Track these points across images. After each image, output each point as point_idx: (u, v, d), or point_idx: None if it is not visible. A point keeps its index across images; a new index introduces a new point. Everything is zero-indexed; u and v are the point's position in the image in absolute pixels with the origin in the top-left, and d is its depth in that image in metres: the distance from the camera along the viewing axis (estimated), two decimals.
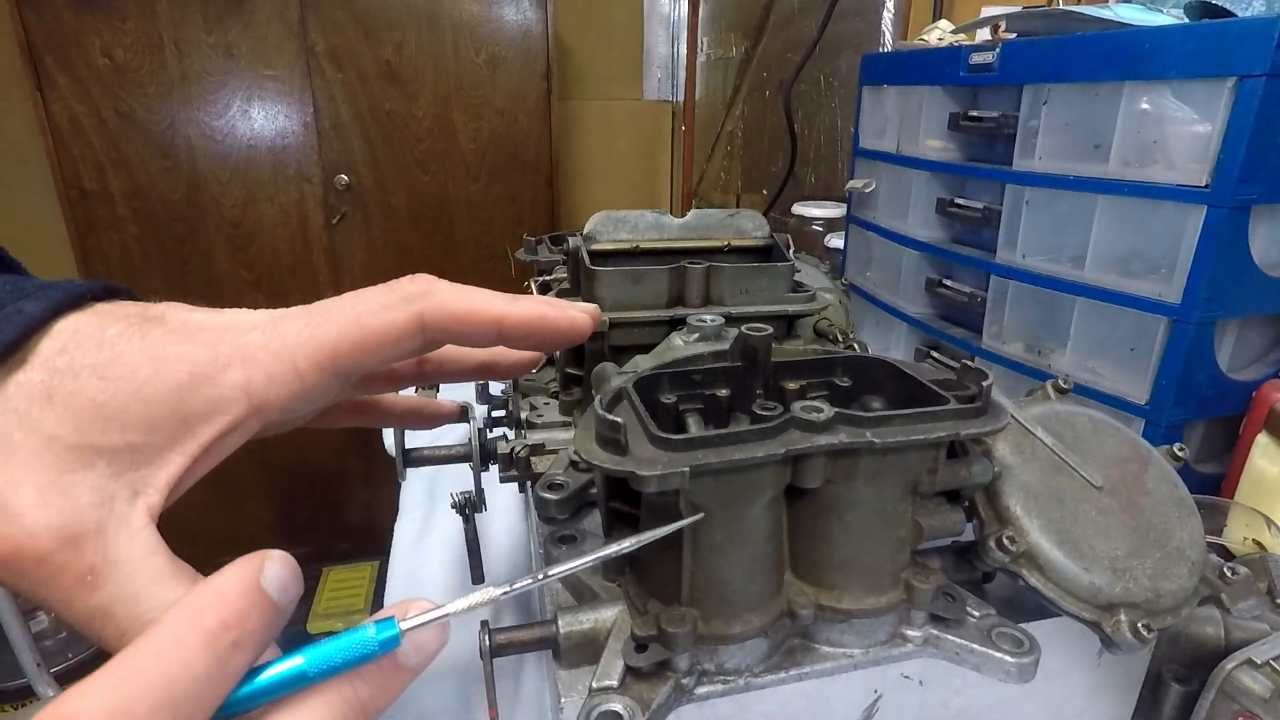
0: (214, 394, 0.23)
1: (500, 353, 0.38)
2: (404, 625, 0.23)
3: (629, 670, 0.32)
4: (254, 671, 0.21)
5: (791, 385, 0.38)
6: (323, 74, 1.86)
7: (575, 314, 0.31)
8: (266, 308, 0.27)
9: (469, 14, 1.91)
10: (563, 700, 0.33)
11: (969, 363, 0.35)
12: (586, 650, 0.34)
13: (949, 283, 0.83)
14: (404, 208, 2.01)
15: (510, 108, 1.99)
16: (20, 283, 0.24)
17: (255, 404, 0.24)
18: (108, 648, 0.22)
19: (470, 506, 0.54)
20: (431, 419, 0.43)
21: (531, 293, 0.83)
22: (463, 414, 0.54)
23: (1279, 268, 0.58)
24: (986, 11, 0.82)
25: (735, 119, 2.04)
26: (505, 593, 0.24)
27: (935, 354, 0.84)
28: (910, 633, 0.35)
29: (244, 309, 0.26)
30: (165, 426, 0.23)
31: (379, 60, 1.88)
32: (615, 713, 0.30)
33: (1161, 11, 0.66)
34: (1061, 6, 0.91)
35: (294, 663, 0.21)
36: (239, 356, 0.24)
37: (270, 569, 0.21)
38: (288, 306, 0.27)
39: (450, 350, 0.36)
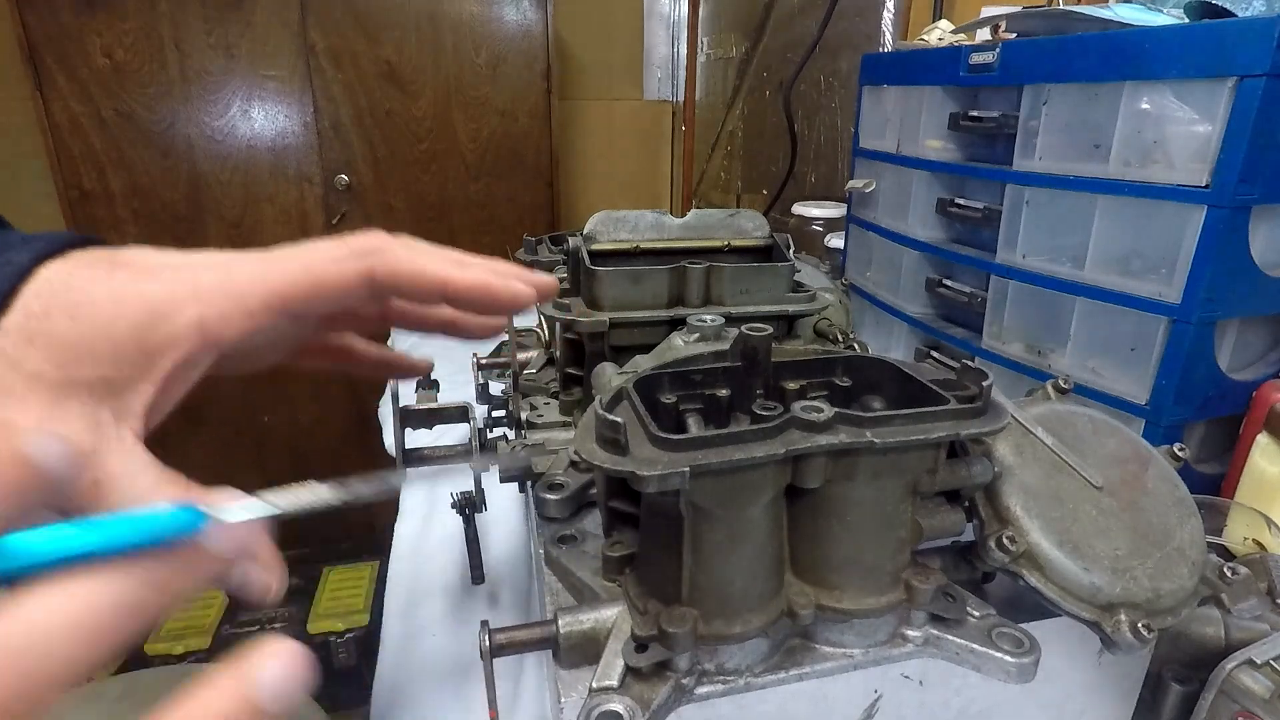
0: (170, 330, 0.26)
1: (464, 315, 0.39)
2: (208, 510, 0.21)
3: (629, 670, 0.32)
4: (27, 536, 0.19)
5: (791, 385, 0.38)
6: (323, 74, 1.86)
7: (518, 286, 0.32)
8: None
9: (469, 14, 1.91)
10: (563, 700, 0.33)
11: (969, 363, 0.35)
12: (586, 650, 0.34)
13: (949, 283, 0.83)
14: (404, 208, 2.01)
15: (510, 108, 1.99)
16: (6, 237, 0.26)
17: (209, 339, 0.27)
18: None
19: (470, 506, 0.54)
20: (401, 370, 0.43)
21: None
22: (463, 414, 0.54)
23: (1279, 268, 0.58)
24: (986, 11, 0.82)
25: (735, 119, 2.04)
26: (343, 500, 0.25)
27: (935, 354, 0.84)
28: (910, 633, 0.35)
29: (207, 250, 0.29)
30: (131, 360, 0.26)
31: (379, 60, 1.88)
32: (615, 713, 0.30)
33: (1161, 11, 0.66)
34: (1061, 6, 0.91)
35: (76, 532, 0.19)
36: (193, 296, 0.27)
37: (269, 673, 0.19)
38: None
39: (412, 305, 0.38)
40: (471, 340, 0.40)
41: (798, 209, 1.34)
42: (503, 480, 0.52)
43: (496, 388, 0.68)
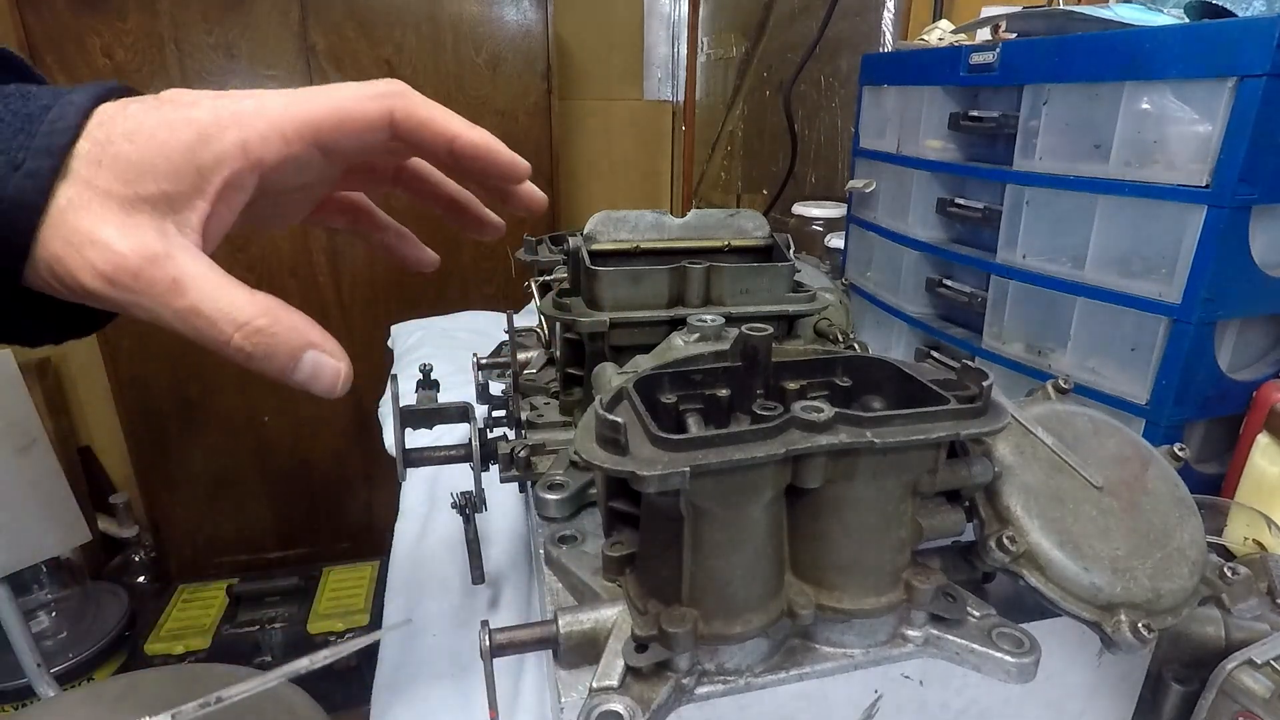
0: (218, 149, 0.29)
1: (469, 200, 0.43)
2: None
3: (629, 670, 0.32)
4: None
5: (792, 385, 0.38)
6: (323, 74, 1.86)
7: (519, 159, 0.37)
8: None
9: (469, 14, 1.91)
10: (563, 700, 0.33)
11: (969, 363, 0.35)
12: (586, 650, 0.34)
13: (949, 283, 0.83)
14: (404, 207, 1.99)
15: (510, 108, 1.99)
16: (55, 89, 0.29)
17: (251, 159, 0.30)
18: (201, 338, 0.28)
19: (470, 506, 0.54)
20: (410, 248, 0.46)
21: (532, 293, 0.83)
22: (463, 414, 0.54)
23: (1279, 268, 0.58)
24: (986, 11, 0.82)
25: (735, 119, 2.04)
26: None
27: (935, 354, 0.84)
28: (910, 633, 0.35)
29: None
30: (186, 177, 0.29)
31: (379, 60, 1.88)
32: (615, 713, 0.30)
33: (1161, 11, 0.66)
34: (1061, 6, 0.91)
35: None
36: (235, 121, 0.30)
37: None
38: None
39: (424, 169, 0.42)
40: (468, 233, 0.44)
41: (798, 209, 1.34)
42: (503, 480, 0.52)
43: (496, 388, 0.68)
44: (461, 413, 0.54)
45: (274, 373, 0.30)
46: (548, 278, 0.81)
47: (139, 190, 0.28)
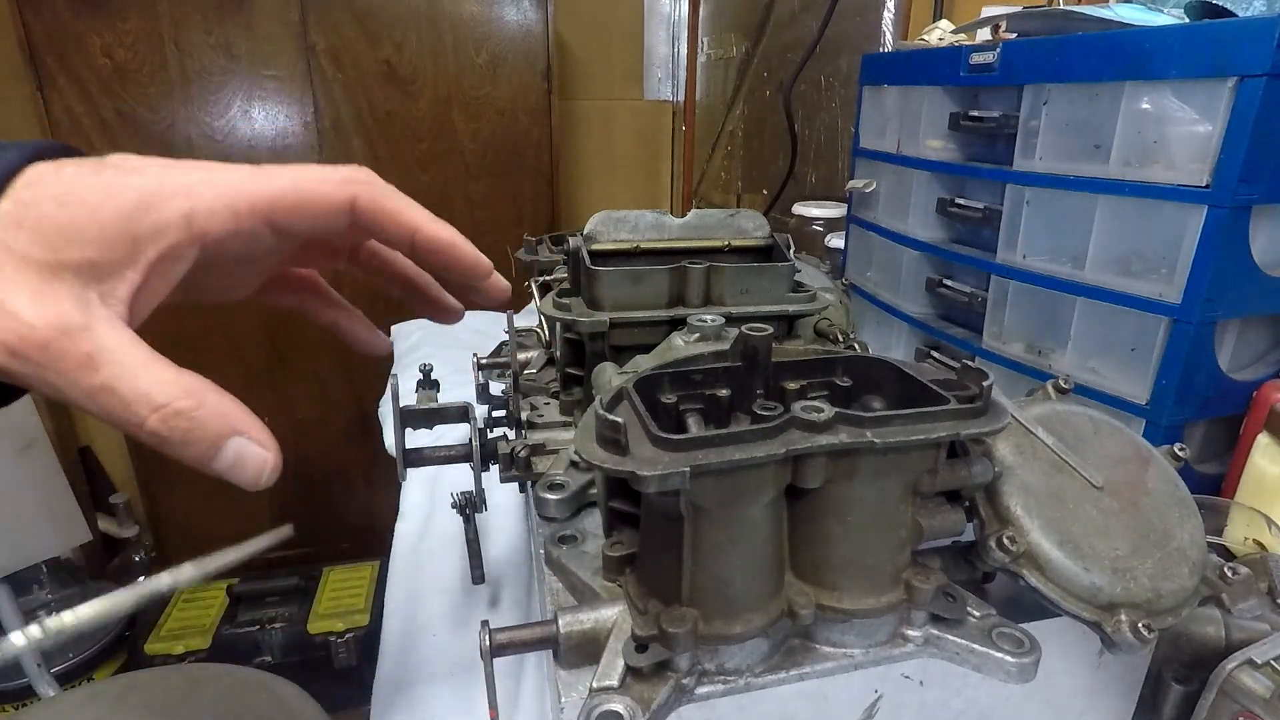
0: (159, 218, 0.27)
1: (428, 282, 0.40)
2: None
3: (629, 670, 0.32)
4: None
5: (792, 385, 0.38)
6: (323, 74, 1.86)
7: (483, 257, 0.35)
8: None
9: (469, 14, 1.91)
10: (563, 700, 0.33)
11: (969, 363, 0.35)
12: (587, 650, 0.34)
13: (949, 283, 0.83)
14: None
15: (510, 108, 1.99)
16: None
17: (195, 232, 0.28)
18: (114, 420, 0.26)
19: (470, 506, 0.54)
20: (360, 330, 0.43)
21: (532, 293, 0.83)
22: (463, 414, 0.54)
23: (1279, 268, 0.58)
24: (987, 11, 0.82)
25: (736, 119, 2.04)
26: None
27: (935, 354, 0.84)
28: (911, 633, 0.35)
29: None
30: (119, 245, 0.26)
31: (379, 60, 1.88)
32: (616, 713, 0.30)
33: (1161, 11, 0.66)
34: (1061, 6, 0.91)
35: None
36: (183, 191, 0.28)
37: None
38: None
39: (381, 249, 0.39)
40: (424, 315, 0.41)
41: (798, 209, 1.34)
42: (503, 480, 0.52)
43: (497, 388, 0.68)
44: (461, 413, 0.54)
45: (191, 460, 0.27)
46: (548, 278, 0.81)
47: (62, 256, 0.25)
